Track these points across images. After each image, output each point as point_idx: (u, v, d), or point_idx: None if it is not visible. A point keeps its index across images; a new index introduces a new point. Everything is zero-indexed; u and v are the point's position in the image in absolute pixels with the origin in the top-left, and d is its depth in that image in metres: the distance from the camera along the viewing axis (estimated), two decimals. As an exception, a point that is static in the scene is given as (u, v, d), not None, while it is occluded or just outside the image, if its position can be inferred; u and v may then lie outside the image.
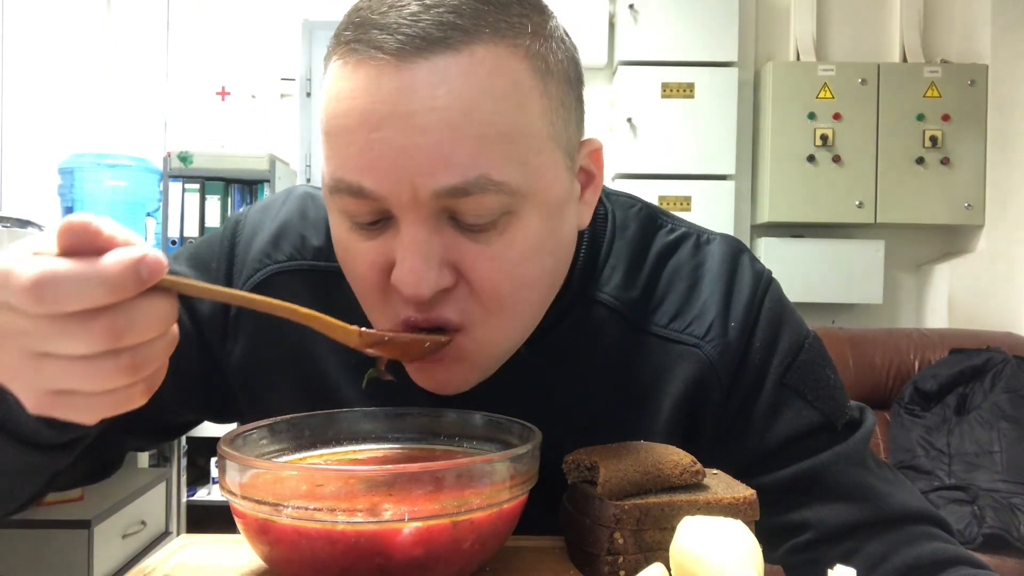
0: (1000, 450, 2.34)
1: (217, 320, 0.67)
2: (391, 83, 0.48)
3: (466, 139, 0.49)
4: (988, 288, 3.06)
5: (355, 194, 0.51)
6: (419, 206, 0.50)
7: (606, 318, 0.64)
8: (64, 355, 0.38)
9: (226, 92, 3.17)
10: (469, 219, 0.51)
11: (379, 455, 0.60)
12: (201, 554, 0.55)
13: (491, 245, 0.52)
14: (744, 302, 0.65)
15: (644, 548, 0.51)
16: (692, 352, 0.63)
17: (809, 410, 0.64)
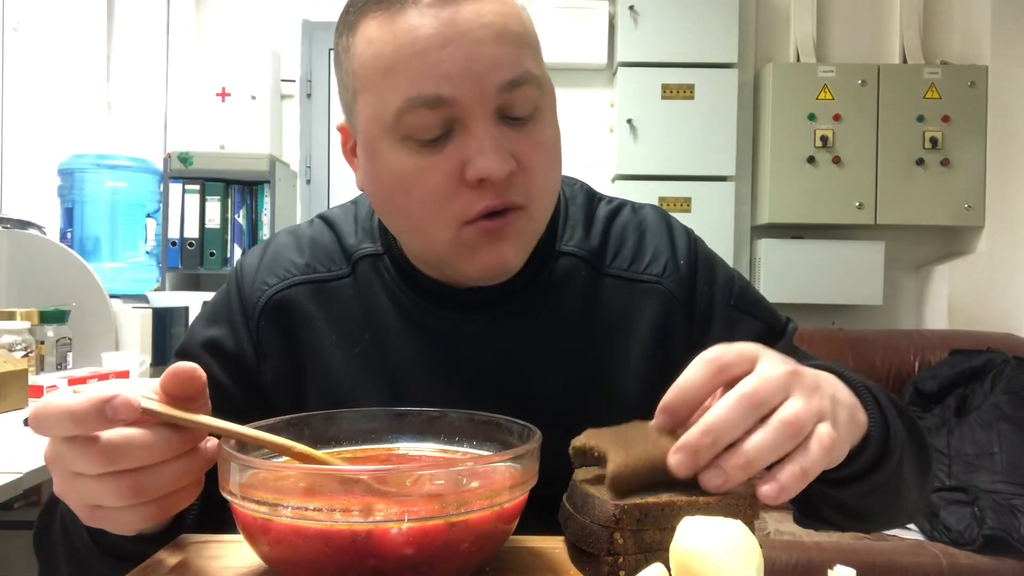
0: (1000, 451, 2.34)
1: (247, 352, 0.76)
2: (442, 14, 0.61)
3: (510, 44, 0.63)
4: (988, 289, 3.06)
5: (432, 105, 0.61)
6: (485, 103, 0.62)
7: (574, 265, 0.76)
8: (86, 474, 0.46)
9: (226, 92, 3.17)
10: (517, 111, 0.64)
11: (379, 455, 0.60)
12: (201, 554, 0.55)
13: (533, 133, 0.65)
14: (685, 246, 0.79)
15: (644, 548, 0.51)
16: (655, 288, 0.76)
17: (756, 322, 0.78)
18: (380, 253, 0.77)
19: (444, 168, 0.63)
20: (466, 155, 0.62)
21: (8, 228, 2.25)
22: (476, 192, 0.63)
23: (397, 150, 0.64)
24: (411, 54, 0.61)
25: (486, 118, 0.62)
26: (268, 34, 3.46)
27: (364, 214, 0.80)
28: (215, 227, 3.07)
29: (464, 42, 0.61)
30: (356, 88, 0.66)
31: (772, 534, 2.26)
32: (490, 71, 0.61)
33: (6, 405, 1.64)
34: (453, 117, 0.62)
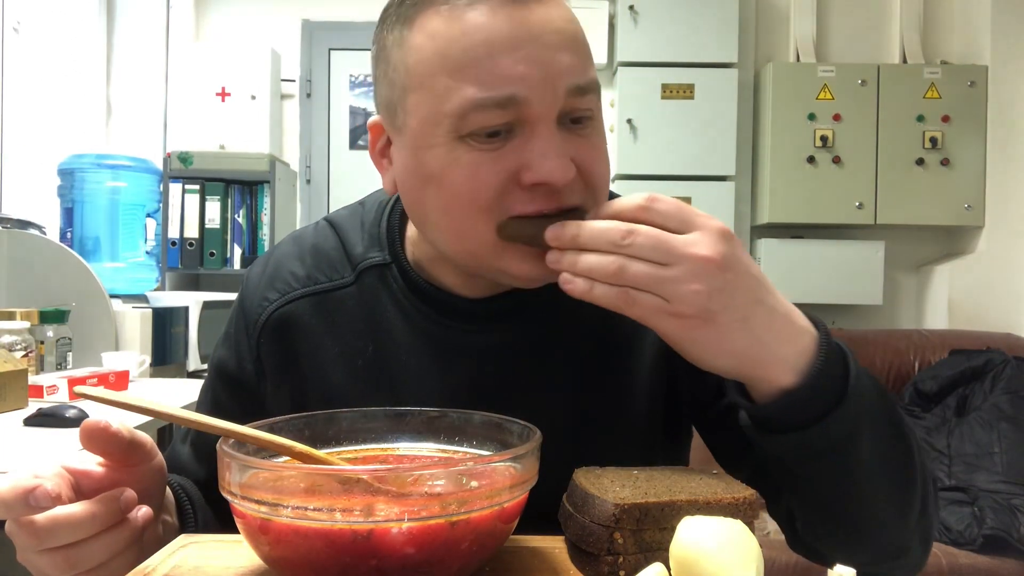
0: (1000, 451, 2.34)
1: (248, 371, 0.76)
2: (514, 15, 0.60)
3: (578, 52, 0.63)
4: (988, 289, 3.06)
5: (504, 105, 0.60)
6: (553, 108, 0.61)
7: None
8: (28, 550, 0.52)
9: (226, 92, 3.17)
10: (578, 115, 0.63)
11: (379, 455, 0.60)
12: (201, 554, 0.55)
13: (591, 139, 0.64)
14: None
15: (644, 548, 0.51)
16: None
17: None
18: (388, 263, 0.75)
19: (501, 167, 0.61)
20: (527, 158, 0.61)
21: (8, 228, 2.25)
22: (528, 194, 0.61)
23: (453, 148, 0.62)
24: (484, 54, 0.60)
25: (551, 122, 0.61)
26: (268, 34, 3.46)
27: (371, 219, 0.78)
28: (215, 227, 3.08)
29: (537, 45, 0.60)
30: (408, 85, 0.63)
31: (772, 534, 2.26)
32: (562, 76, 0.61)
33: (6, 405, 1.64)
34: (520, 118, 0.61)
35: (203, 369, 2.78)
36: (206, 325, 2.77)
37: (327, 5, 3.51)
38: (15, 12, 2.67)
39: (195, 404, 0.83)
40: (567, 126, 0.63)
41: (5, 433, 1.47)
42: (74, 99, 3.12)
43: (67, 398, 1.76)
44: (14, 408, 1.66)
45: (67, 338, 2.10)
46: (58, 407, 1.55)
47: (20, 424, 1.53)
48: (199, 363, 2.74)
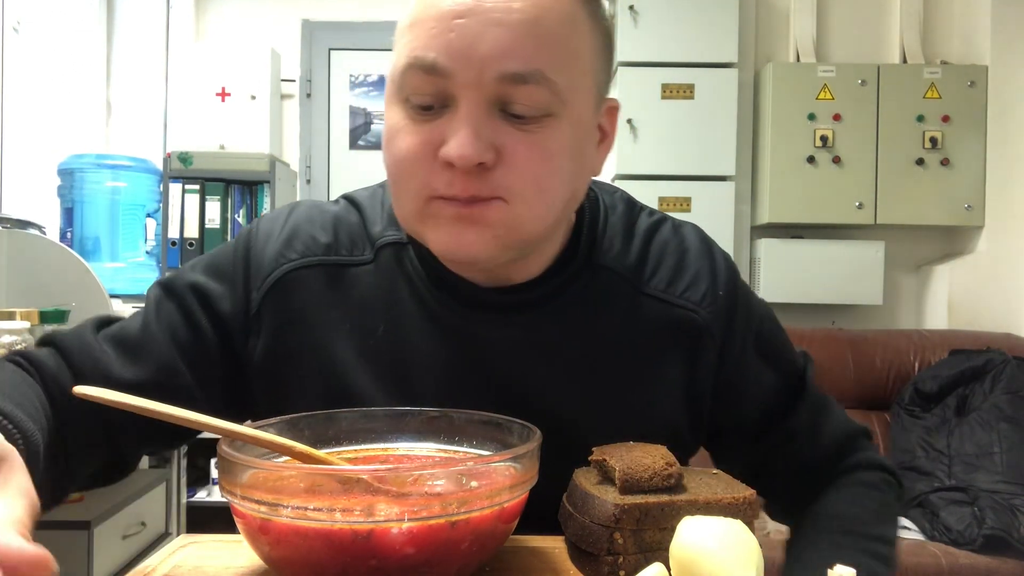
0: (1000, 451, 2.34)
1: (239, 318, 0.72)
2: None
3: (532, 37, 0.59)
4: (988, 289, 3.06)
5: (427, 70, 0.59)
6: (480, 88, 0.59)
7: (610, 281, 0.72)
8: None
9: (226, 92, 3.17)
10: (519, 109, 0.60)
11: (379, 455, 0.60)
12: (201, 554, 0.55)
13: (533, 134, 0.61)
14: (725, 276, 0.75)
15: (644, 548, 0.51)
16: (691, 317, 0.73)
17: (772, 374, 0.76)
18: (405, 242, 0.73)
19: (424, 138, 0.61)
20: (445, 133, 0.60)
21: (8, 228, 2.25)
22: (448, 173, 0.61)
23: (397, 108, 0.63)
24: (429, 16, 0.60)
25: (477, 103, 0.60)
26: (268, 34, 3.46)
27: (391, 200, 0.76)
28: (215, 227, 3.07)
29: (480, 20, 0.58)
30: (395, 39, 0.65)
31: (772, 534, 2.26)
32: (492, 58, 0.58)
33: (6, 405, 1.64)
34: (447, 91, 0.60)
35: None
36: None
37: (327, 5, 3.51)
38: (15, 12, 2.66)
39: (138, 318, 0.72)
40: (504, 116, 0.61)
41: (5, 433, 1.47)
42: (74, 99, 3.12)
43: (67, 398, 1.76)
44: (14, 408, 1.66)
45: (67, 338, 2.10)
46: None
47: (20, 424, 1.53)
48: (199, 363, 2.74)
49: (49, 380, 0.64)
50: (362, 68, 3.56)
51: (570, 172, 0.65)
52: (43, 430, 0.57)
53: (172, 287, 0.72)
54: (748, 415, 0.76)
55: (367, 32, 3.54)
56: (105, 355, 0.67)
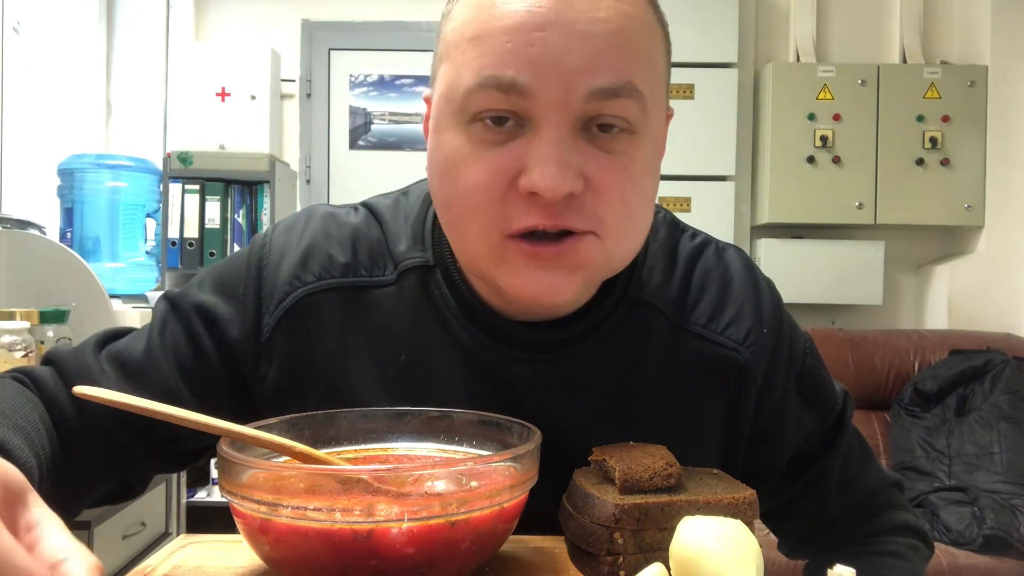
0: (1000, 451, 2.34)
1: (248, 343, 0.67)
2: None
3: (620, 48, 0.54)
4: (988, 289, 3.06)
5: (505, 89, 0.53)
6: (565, 108, 0.53)
7: (650, 316, 0.67)
8: None
9: (226, 92, 3.17)
10: (608, 122, 0.55)
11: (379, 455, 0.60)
12: (201, 554, 0.55)
13: (618, 157, 0.56)
14: (770, 311, 0.70)
15: (644, 548, 0.51)
16: (732, 356, 0.67)
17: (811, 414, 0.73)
18: (431, 265, 0.67)
19: (499, 165, 0.55)
20: (525, 159, 0.54)
21: (8, 228, 2.25)
22: (525, 203, 0.55)
23: (458, 132, 0.56)
24: (500, 28, 0.53)
25: (561, 124, 0.54)
26: (268, 34, 3.46)
27: (415, 214, 0.70)
28: (215, 227, 3.07)
29: (564, 32, 0.52)
30: (442, 54, 0.59)
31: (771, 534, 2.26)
32: (581, 73, 0.53)
33: (6, 405, 1.64)
34: (525, 111, 0.54)
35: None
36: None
37: (327, 5, 3.51)
38: (15, 12, 2.66)
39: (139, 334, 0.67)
40: (591, 133, 0.55)
41: (5, 433, 1.47)
42: (74, 99, 3.12)
43: (67, 398, 1.76)
44: (14, 408, 1.66)
45: (67, 338, 2.10)
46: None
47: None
48: (199, 363, 2.74)
49: (48, 401, 0.62)
50: (362, 68, 3.56)
51: (652, 195, 0.60)
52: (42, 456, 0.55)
53: (179, 305, 0.67)
54: (783, 457, 0.72)
55: (367, 32, 3.54)
56: (105, 378, 0.64)
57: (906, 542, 0.75)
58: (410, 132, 3.54)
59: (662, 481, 0.52)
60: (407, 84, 3.56)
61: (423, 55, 3.56)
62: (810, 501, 0.75)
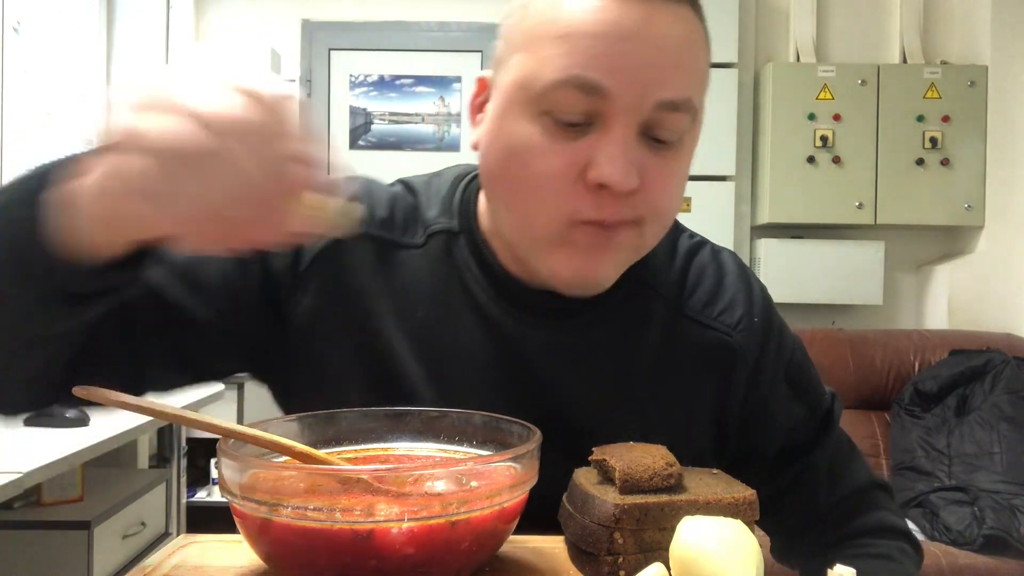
0: (1000, 451, 2.34)
1: (288, 274, 0.70)
2: (637, 9, 0.59)
3: (687, 65, 0.61)
4: (988, 289, 3.06)
5: (587, 90, 0.58)
6: (637, 112, 0.59)
7: (652, 298, 0.73)
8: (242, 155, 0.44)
9: (226, 93, 3.17)
10: (662, 134, 0.61)
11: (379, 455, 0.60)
12: (201, 554, 0.55)
13: (668, 162, 0.63)
14: (760, 302, 0.76)
15: (644, 548, 0.51)
16: (725, 340, 0.73)
17: (798, 405, 0.76)
18: (456, 231, 0.72)
19: (570, 158, 0.60)
20: (595, 155, 0.59)
21: (8, 228, 2.25)
22: (594, 196, 0.60)
23: (530, 121, 0.61)
24: (589, 32, 0.58)
25: (630, 126, 0.60)
26: (268, 34, 3.46)
27: (446, 189, 0.75)
28: (215, 227, 3.07)
29: (646, 44, 0.59)
30: (517, 43, 0.62)
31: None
32: (655, 84, 0.59)
33: (6, 405, 1.64)
34: (600, 112, 0.59)
35: (203, 369, 2.77)
36: (206, 325, 2.76)
37: (327, 5, 3.51)
38: (15, 12, 2.67)
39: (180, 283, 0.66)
40: (648, 141, 0.61)
41: (5, 433, 1.47)
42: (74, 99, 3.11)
43: (67, 398, 1.76)
44: (14, 408, 1.66)
45: (67, 338, 2.10)
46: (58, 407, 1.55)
47: (20, 424, 1.53)
48: (199, 363, 2.74)
49: None
50: (362, 68, 3.56)
51: (683, 193, 0.67)
52: None
53: None
54: (772, 444, 0.76)
55: (367, 32, 3.54)
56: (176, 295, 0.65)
57: (896, 545, 0.76)
58: (410, 132, 3.54)
59: (662, 481, 0.52)
60: (407, 84, 3.57)
61: (423, 55, 3.56)
62: (799, 494, 0.77)
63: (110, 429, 1.53)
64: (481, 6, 3.52)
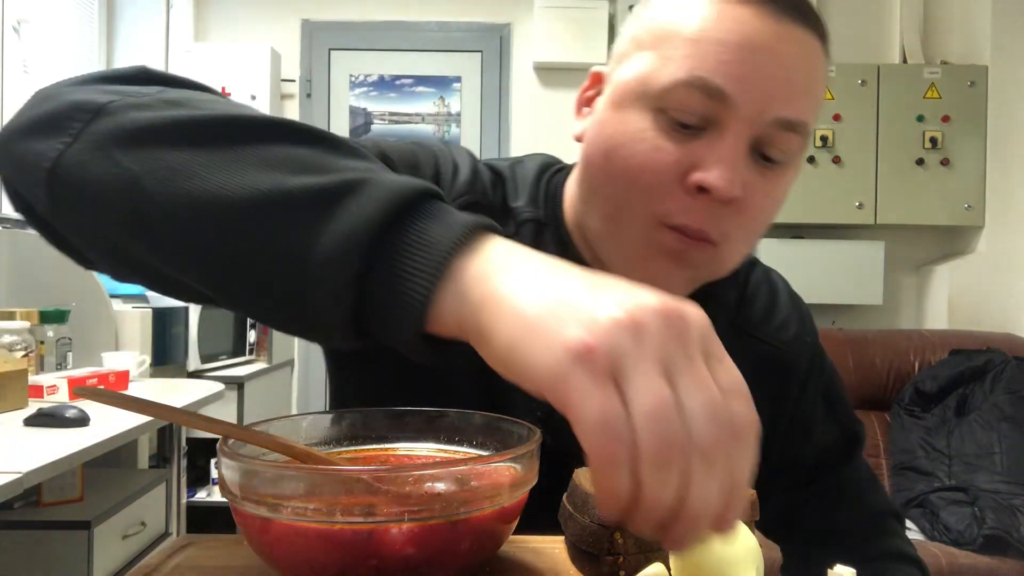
0: (1000, 451, 2.34)
1: None
2: (772, 26, 0.59)
3: (809, 89, 0.61)
4: (988, 289, 3.06)
5: (709, 94, 0.58)
6: (751, 125, 0.59)
7: (717, 310, 0.73)
8: None
9: (226, 92, 3.17)
10: (770, 152, 0.61)
11: (379, 455, 0.60)
12: (201, 554, 0.55)
13: (769, 182, 0.62)
14: (809, 323, 0.79)
15: (644, 548, 0.51)
16: (781, 355, 0.76)
17: (833, 424, 0.79)
18: (543, 222, 0.72)
19: (677, 157, 0.60)
20: (703, 158, 0.59)
21: (8, 228, 2.25)
22: (689, 200, 0.60)
23: (644, 115, 0.61)
24: (721, 39, 0.59)
25: (743, 138, 0.59)
26: (268, 34, 3.46)
27: (531, 178, 0.74)
28: (215, 227, 3.07)
29: (775, 61, 0.59)
30: (642, 41, 0.63)
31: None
32: (778, 99, 0.59)
33: (6, 405, 1.64)
34: (716, 118, 0.59)
35: (203, 369, 2.78)
36: (206, 325, 2.77)
37: (327, 5, 3.51)
38: (15, 12, 2.67)
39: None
40: (755, 157, 0.61)
41: (5, 433, 1.47)
42: (74, 99, 3.11)
43: (67, 398, 1.77)
44: (14, 408, 1.66)
45: (67, 338, 2.10)
46: (58, 407, 1.55)
47: (20, 424, 1.53)
48: (199, 363, 2.74)
49: None
50: (362, 68, 3.56)
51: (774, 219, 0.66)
52: None
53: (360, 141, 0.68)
54: (807, 458, 0.78)
55: (367, 32, 3.54)
56: None
57: (909, 571, 0.78)
58: (410, 132, 3.54)
59: None
60: (407, 84, 3.57)
61: (423, 55, 3.56)
62: (820, 510, 0.79)
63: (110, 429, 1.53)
64: (481, 6, 3.52)
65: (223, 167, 0.42)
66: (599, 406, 0.32)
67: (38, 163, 0.46)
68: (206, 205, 0.41)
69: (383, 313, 0.40)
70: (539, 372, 0.34)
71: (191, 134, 0.44)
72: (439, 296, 0.39)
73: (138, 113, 0.45)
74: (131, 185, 0.43)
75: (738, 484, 0.34)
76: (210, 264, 0.43)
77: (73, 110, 0.46)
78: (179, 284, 0.48)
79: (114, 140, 0.44)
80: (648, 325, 0.34)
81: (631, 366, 0.33)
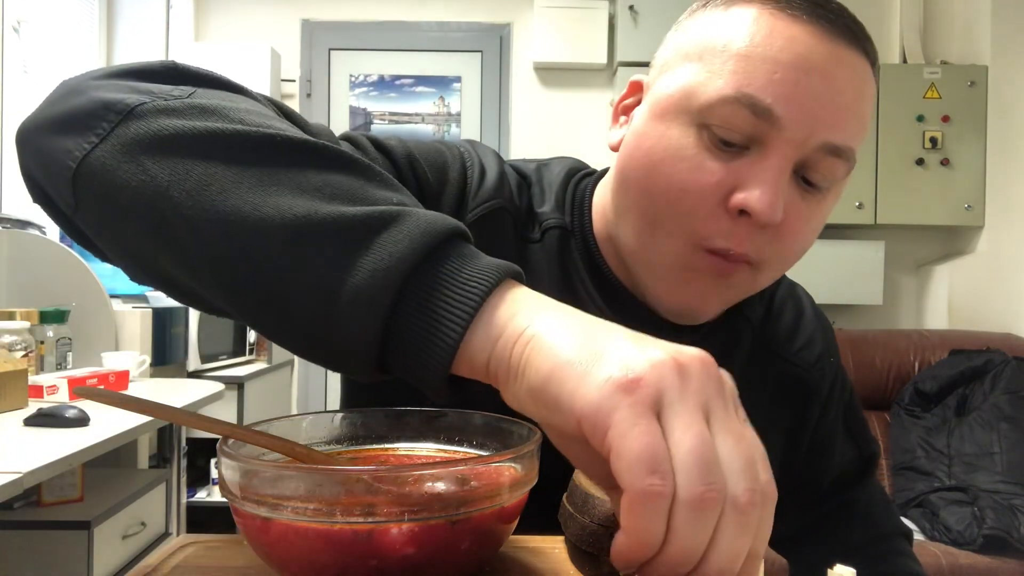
0: (1000, 451, 2.34)
1: None
2: (825, 47, 0.57)
3: (857, 115, 0.59)
4: (988, 289, 3.06)
5: (757, 112, 0.56)
6: (797, 147, 0.57)
7: (744, 326, 0.73)
8: None
9: (226, 93, 3.17)
10: (814, 177, 0.59)
11: (379, 455, 0.60)
12: (201, 554, 0.55)
13: (811, 207, 0.61)
14: (833, 344, 0.78)
15: (644, 548, 0.51)
16: (804, 375, 0.75)
17: (851, 445, 0.79)
18: (569, 230, 0.70)
19: (719, 177, 0.58)
20: (747, 179, 0.57)
21: (8, 228, 2.25)
22: (730, 223, 0.58)
23: (686, 130, 0.59)
24: (772, 58, 0.57)
25: (788, 160, 0.58)
26: (268, 34, 3.46)
27: (558, 183, 0.72)
28: (215, 227, 3.08)
29: (827, 84, 0.57)
30: (690, 53, 0.61)
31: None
32: (827, 123, 0.57)
33: (6, 405, 1.64)
34: (762, 138, 0.57)
35: (203, 369, 2.78)
36: (206, 325, 2.77)
37: (327, 5, 3.51)
38: (15, 12, 2.67)
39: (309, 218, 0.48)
40: (798, 181, 0.60)
41: (5, 433, 1.47)
42: (74, 99, 3.11)
43: (67, 398, 1.77)
44: (14, 408, 1.66)
45: (67, 338, 2.10)
46: (58, 407, 1.55)
47: (20, 424, 1.53)
48: (199, 363, 2.74)
49: None
50: (362, 68, 3.56)
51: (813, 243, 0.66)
52: None
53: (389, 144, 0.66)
54: (825, 477, 0.78)
55: (367, 32, 3.54)
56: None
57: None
58: (410, 132, 3.54)
59: None
60: (407, 84, 3.57)
61: (423, 55, 3.56)
62: (834, 526, 0.79)
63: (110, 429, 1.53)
64: (481, 6, 3.52)
65: (256, 187, 0.41)
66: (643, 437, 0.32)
67: (63, 160, 0.45)
68: (236, 223, 0.41)
69: (410, 350, 0.40)
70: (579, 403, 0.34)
71: (224, 148, 0.43)
72: (469, 336, 0.39)
73: (168, 120, 0.44)
74: (159, 193, 0.42)
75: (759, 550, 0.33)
76: (234, 283, 0.42)
77: (101, 109, 0.45)
78: (198, 296, 0.48)
79: (142, 145, 0.43)
80: (691, 368, 0.35)
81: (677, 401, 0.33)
